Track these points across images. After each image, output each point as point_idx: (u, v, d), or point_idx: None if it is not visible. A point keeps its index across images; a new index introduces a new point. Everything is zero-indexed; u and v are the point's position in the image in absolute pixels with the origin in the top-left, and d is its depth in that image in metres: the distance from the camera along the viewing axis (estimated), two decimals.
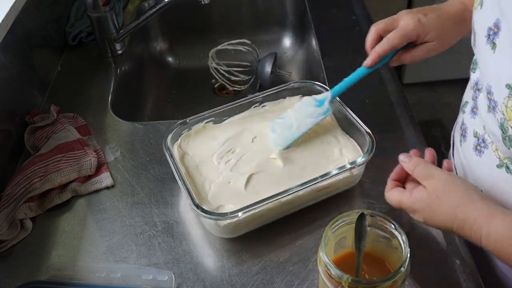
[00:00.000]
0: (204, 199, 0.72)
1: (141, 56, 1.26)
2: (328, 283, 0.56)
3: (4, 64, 0.88)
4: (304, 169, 0.76)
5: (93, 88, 1.04)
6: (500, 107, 0.56)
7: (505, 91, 0.55)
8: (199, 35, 1.34)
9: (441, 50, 0.76)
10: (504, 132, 0.58)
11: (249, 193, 0.73)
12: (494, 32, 0.58)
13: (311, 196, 0.74)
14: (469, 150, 0.73)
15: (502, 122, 0.57)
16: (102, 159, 0.86)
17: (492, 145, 0.67)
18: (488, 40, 0.60)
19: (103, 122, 0.94)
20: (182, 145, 0.81)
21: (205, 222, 0.72)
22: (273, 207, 0.70)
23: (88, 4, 1.05)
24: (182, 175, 0.72)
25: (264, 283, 0.67)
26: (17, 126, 0.90)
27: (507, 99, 0.55)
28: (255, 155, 0.79)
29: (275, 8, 1.33)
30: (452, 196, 0.59)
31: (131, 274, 0.67)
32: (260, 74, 1.19)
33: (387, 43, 0.73)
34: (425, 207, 0.61)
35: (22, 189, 0.77)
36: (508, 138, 0.58)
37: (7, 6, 0.87)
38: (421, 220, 0.62)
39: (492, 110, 0.59)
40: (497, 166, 0.66)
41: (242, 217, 0.67)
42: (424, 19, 0.72)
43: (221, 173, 0.76)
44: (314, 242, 0.72)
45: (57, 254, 0.73)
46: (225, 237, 0.73)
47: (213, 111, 0.83)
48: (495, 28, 0.58)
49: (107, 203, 0.79)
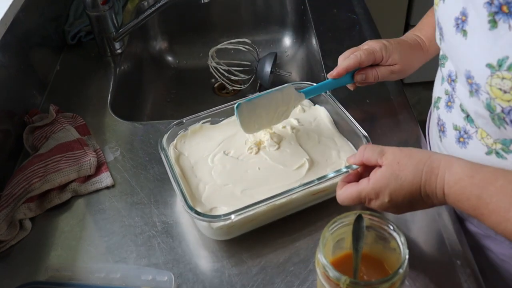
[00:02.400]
0: (198, 201, 0.72)
1: (140, 55, 1.26)
2: (326, 285, 0.56)
3: (3, 63, 0.88)
4: (300, 171, 0.75)
5: (92, 87, 1.03)
6: (484, 88, 0.58)
7: (486, 71, 0.56)
8: (198, 34, 1.34)
9: (403, 75, 0.84)
10: (492, 112, 0.59)
11: (243, 196, 0.72)
12: (462, 21, 0.61)
13: (307, 199, 0.73)
14: (451, 144, 0.73)
15: (489, 102, 0.58)
16: (102, 158, 0.85)
17: (477, 134, 0.67)
18: (458, 29, 0.62)
19: (102, 122, 0.94)
20: (178, 145, 0.80)
21: (199, 224, 0.71)
22: (267, 210, 0.69)
23: (87, 3, 1.04)
24: (176, 176, 0.72)
25: (264, 283, 0.67)
26: (15, 125, 0.90)
27: (490, 78, 0.56)
28: (250, 156, 0.78)
29: (275, 7, 1.33)
30: (413, 157, 0.60)
31: (130, 275, 0.67)
32: (260, 74, 1.19)
33: (354, 58, 0.79)
34: (389, 179, 0.60)
35: (21, 189, 0.76)
36: (497, 116, 0.58)
37: (6, 5, 0.87)
38: (386, 200, 0.61)
39: (475, 93, 0.60)
40: (486, 154, 0.66)
41: (235, 219, 0.66)
42: (388, 43, 0.81)
43: (215, 174, 0.76)
44: (314, 243, 0.72)
45: (56, 254, 0.72)
46: (218, 239, 0.72)
47: (210, 112, 0.83)
48: (463, 16, 0.61)
49: (106, 203, 0.79)
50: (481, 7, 0.56)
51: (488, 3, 0.55)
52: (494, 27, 0.55)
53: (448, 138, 0.73)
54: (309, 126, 0.84)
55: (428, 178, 0.58)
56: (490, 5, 0.55)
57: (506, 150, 0.64)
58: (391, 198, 0.60)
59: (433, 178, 0.58)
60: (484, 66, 0.56)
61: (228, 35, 1.28)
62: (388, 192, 0.60)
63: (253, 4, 1.34)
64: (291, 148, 0.79)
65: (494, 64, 0.55)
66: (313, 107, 0.88)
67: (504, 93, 0.55)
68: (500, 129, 0.60)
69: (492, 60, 0.55)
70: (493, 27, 0.55)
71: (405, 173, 0.59)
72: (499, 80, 0.55)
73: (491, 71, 0.56)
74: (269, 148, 0.79)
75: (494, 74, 0.55)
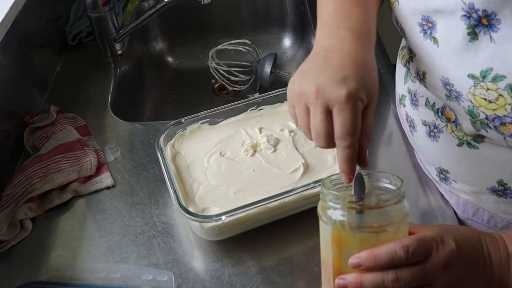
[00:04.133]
0: (191, 201, 0.72)
1: (140, 56, 1.26)
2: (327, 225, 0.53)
3: (4, 64, 0.88)
4: (295, 175, 0.75)
5: (93, 88, 1.04)
6: (466, 96, 0.57)
7: (468, 81, 0.55)
8: (199, 35, 1.34)
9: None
10: (474, 117, 0.58)
11: (236, 197, 0.72)
12: (429, 27, 0.59)
13: (300, 203, 0.72)
14: (422, 137, 0.73)
15: (471, 109, 0.57)
16: (102, 159, 0.86)
17: (447, 128, 0.67)
18: (426, 35, 0.60)
19: (102, 123, 0.94)
20: (175, 145, 0.81)
21: (191, 223, 0.71)
22: (259, 212, 0.69)
23: (87, 4, 1.05)
24: (171, 175, 0.72)
25: (264, 283, 0.67)
26: (16, 126, 0.90)
27: (473, 88, 0.55)
28: (245, 158, 0.78)
29: (275, 8, 1.34)
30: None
31: (130, 275, 0.67)
32: (260, 75, 1.19)
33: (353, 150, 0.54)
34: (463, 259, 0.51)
35: (22, 189, 0.77)
36: (480, 122, 0.58)
37: (7, 6, 0.87)
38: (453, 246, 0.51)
39: (455, 99, 0.59)
40: (458, 145, 0.66)
41: (226, 220, 0.66)
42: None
43: (210, 175, 0.76)
44: (315, 243, 0.72)
45: (56, 254, 0.73)
46: (211, 240, 0.72)
47: (208, 112, 0.83)
48: (428, 23, 0.59)
49: (106, 203, 0.79)
50: (457, 19, 0.55)
51: (465, 15, 0.54)
52: (474, 38, 0.54)
53: (419, 132, 0.73)
54: None
55: (489, 238, 0.54)
56: (468, 18, 0.54)
57: (479, 141, 0.63)
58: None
59: (493, 239, 0.54)
60: (465, 76, 0.56)
61: (228, 36, 1.28)
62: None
63: (253, 5, 1.34)
64: (287, 151, 0.79)
65: (477, 75, 0.55)
66: None
67: (489, 102, 0.55)
68: (480, 131, 0.60)
69: (475, 71, 0.55)
70: (473, 38, 0.54)
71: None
72: (483, 90, 0.54)
73: (474, 81, 0.55)
74: (265, 150, 0.79)
75: (477, 84, 0.55)
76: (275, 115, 0.85)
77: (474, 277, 0.52)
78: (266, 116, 0.85)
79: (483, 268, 0.53)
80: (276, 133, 0.82)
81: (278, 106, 0.86)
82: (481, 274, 0.52)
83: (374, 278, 0.50)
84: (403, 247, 0.49)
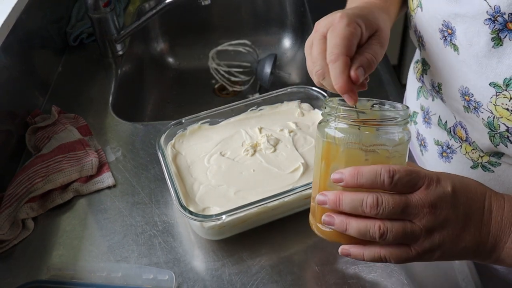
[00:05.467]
0: (192, 200, 0.72)
1: (141, 57, 1.26)
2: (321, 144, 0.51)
3: (5, 64, 0.89)
4: (294, 175, 0.75)
5: (94, 88, 1.04)
6: (486, 107, 0.55)
7: (490, 89, 0.54)
8: (199, 36, 1.34)
9: (386, 43, 0.58)
10: (493, 130, 0.56)
11: (236, 197, 0.73)
12: (449, 34, 0.57)
13: (300, 203, 0.72)
14: (434, 158, 0.70)
15: (491, 120, 0.55)
16: (104, 159, 0.86)
17: (461, 149, 0.64)
18: (446, 42, 0.58)
19: (103, 123, 0.95)
20: (176, 145, 0.81)
21: (192, 223, 0.72)
22: (259, 211, 0.69)
23: (89, 5, 1.05)
24: (171, 175, 0.72)
25: (264, 282, 0.68)
26: (18, 126, 0.90)
27: (494, 98, 0.53)
28: (245, 158, 0.79)
29: (275, 8, 1.34)
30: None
31: (131, 274, 0.67)
32: (260, 75, 1.19)
33: (344, 59, 0.52)
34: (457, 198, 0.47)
35: (24, 189, 0.77)
36: (500, 135, 0.56)
37: (9, 7, 0.88)
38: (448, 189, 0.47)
39: (473, 110, 0.57)
40: (472, 167, 0.64)
41: (226, 220, 0.67)
42: (352, 13, 0.61)
43: (210, 175, 0.76)
44: (315, 243, 0.72)
45: (58, 253, 0.73)
46: (211, 239, 0.73)
47: (209, 112, 0.83)
48: (448, 29, 0.57)
49: (108, 203, 0.80)
50: (479, 23, 0.53)
51: (489, 19, 0.51)
52: (498, 44, 0.52)
53: (430, 152, 0.71)
54: (306, 130, 0.84)
55: (495, 196, 0.49)
56: (493, 22, 0.51)
57: (494, 163, 0.61)
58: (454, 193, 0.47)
59: (500, 198, 0.49)
60: (486, 84, 0.54)
61: (228, 36, 1.29)
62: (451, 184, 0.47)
63: (253, 5, 1.35)
64: (287, 151, 0.79)
65: (500, 83, 0.52)
66: (313, 111, 0.88)
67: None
68: (497, 147, 0.58)
69: (498, 79, 0.52)
70: (497, 44, 0.52)
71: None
72: (506, 100, 0.52)
73: (496, 90, 0.53)
74: (265, 150, 0.79)
75: (500, 93, 0.53)
76: (275, 115, 0.85)
77: (464, 229, 0.47)
78: (266, 116, 0.86)
79: (478, 223, 0.48)
80: (276, 133, 0.82)
81: (278, 106, 0.87)
82: (473, 229, 0.47)
83: (353, 198, 0.46)
84: (389, 171, 0.45)
